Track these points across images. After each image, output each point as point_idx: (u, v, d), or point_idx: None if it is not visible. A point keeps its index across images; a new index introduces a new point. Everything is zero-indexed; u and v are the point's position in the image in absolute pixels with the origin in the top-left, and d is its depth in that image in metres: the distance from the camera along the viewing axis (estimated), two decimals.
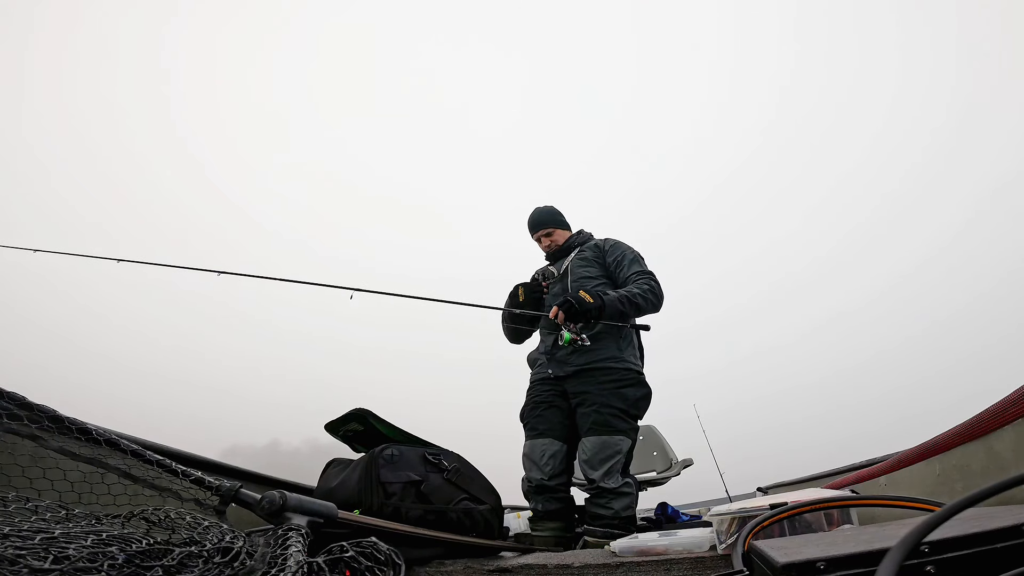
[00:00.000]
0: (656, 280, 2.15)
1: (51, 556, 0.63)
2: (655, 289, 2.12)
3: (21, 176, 28.18)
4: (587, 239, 2.40)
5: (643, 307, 2.09)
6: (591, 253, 2.29)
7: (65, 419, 0.94)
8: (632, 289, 2.10)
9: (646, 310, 2.11)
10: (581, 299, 2.00)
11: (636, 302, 2.06)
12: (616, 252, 2.26)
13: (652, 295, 2.10)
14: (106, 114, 37.83)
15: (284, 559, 0.80)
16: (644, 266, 2.22)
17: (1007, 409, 1.03)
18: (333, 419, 1.84)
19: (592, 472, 1.96)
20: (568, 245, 2.37)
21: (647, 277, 2.15)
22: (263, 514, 1.00)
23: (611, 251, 2.27)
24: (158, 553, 0.76)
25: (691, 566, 1.15)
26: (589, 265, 2.26)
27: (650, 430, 3.84)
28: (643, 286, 2.11)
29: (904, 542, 0.42)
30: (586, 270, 2.25)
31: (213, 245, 38.62)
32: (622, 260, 2.23)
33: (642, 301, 2.08)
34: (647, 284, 2.12)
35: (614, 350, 2.11)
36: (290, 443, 18.50)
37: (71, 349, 19.46)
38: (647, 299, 2.09)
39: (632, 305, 2.06)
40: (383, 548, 0.92)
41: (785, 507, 0.97)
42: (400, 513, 1.48)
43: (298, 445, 17.87)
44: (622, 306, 2.04)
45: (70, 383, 8.71)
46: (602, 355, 2.09)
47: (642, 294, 2.08)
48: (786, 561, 0.55)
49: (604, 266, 2.26)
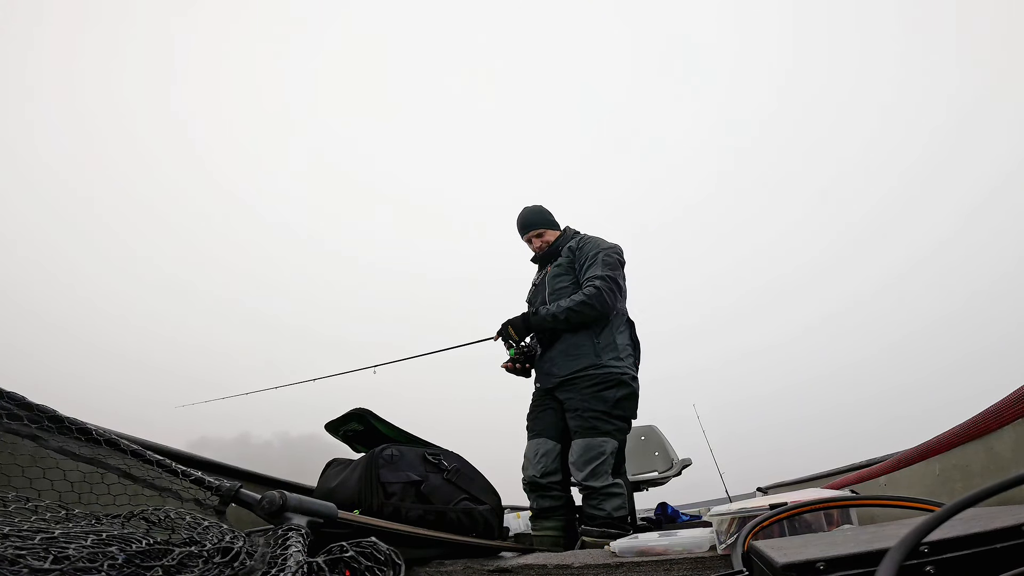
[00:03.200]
0: (603, 283, 2.15)
1: (51, 556, 0.63)
2: (591, 296, 2.13)
3: (26, 172, 28.14)
4: (569, 239, 2.42)
5: (574, 319, 2.15)
6: (566, 260, 2.34)
7: (65, 419, 0.94)
8: (564, 303, 2.17)
9: (580, 320, 2.16)
10: (509, 334, 2.27)
11: (564, 317, 2.15)
12: (582, 255, 2.30)
13: (587, 304, 2.13)
14: (113, 111, 37.82)
15: (284, 559, 0.80)
16: (600, 268, 2.20)
17: (1007, 409, 1.03)
18: (333, 419, 1.85)
19: (578, 473, 2.01)
20: (555, 247, 2.41)
21: (592, 283, 2.16)
22: (263, 514, 1.00)
23: (579, 254, 2.31)
24: (158, 553, 0.76)
25: (691, 566, 1.15)
26: (564, 274, 2.31)
27: (651, 430, 3.84)
28: (579, 296, 2.16)
29: (904, 542, 0.42)
30: (560, 280, 2.31)
31: (221, 241, 38.55)
32: (584, 262, 2.27)
33: (572, 313, 2.14)
34: (586, 291, 2.15)
35: (592, 357, 2.14)
36: (261, 436, 18.33)
37: (35, 323, 19.08)
38: (578, 311, 2.14)
39: (560, 321, 2.16)
40: (383, 548, 0.92)
41: (785, 507, 0.97)
42: (400, 513, 1.48)
43: (269, 438, 17.73)
44: (548, 323, 2.19)
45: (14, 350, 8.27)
46: (581, 364, 2.14)
47: (573, 307, 2.14)
48: (786, 561, 0.55)
49: (575, 271, 2.31)
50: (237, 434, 17.74)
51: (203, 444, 13.18)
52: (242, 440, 17.12)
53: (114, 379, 20.39)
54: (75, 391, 21.64)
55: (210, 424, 18.43)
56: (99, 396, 17.79)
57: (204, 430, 16.25)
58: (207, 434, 15.12)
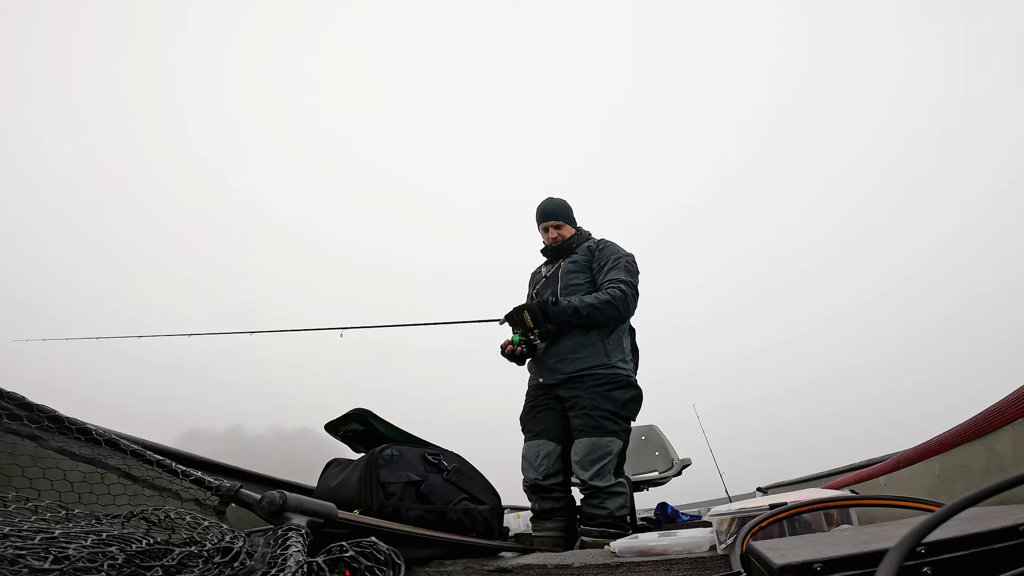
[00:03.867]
0: (628, 288, 2.15)
1: (51, 556, 0.63)
2: (616, 299, 2.12)
3: (29, 169, 27.98)
4: (585, 239, 2.41)
5: (596, 317, 2.12)
6: (583, 258, 2.32)
7: (65, 419, 0.94)
8: (588, 299, 2.13)
9: (602, 320, 2.13)
10: (523, 320, 2.15)
11: (586, 313, 2.10)
12: (603, 256, 2.28)
13: (610, 306, 2.11)
14: (116, 104, 37.64)
15: (284, 559, 0.80)
16: (624, 273, 2.20)
17: (1007, 409, 1.03)
18: (333, 419, 1.85)
19: (583, 473, 2.00)
20: (568, 244, 2.38)
21: (617, 285, 2.15)
22: (263, 514, 1.00)
23: (599, 255, 2.29)
24: (158, 553, 0.76)
25: (691, 566, 1.15)
26: (580, 271, 2.29)
27: (652, 430, 3.83)
28: (604, 295, 2.13)
29: (903, 543, 0.42)
30: (575, 277, 2.28)
31: (219, 234, 38.40)
32: (605, 264, 2.25)
33: (596, 311, 2.10)
34: (611, 292, 2.13)
35: (602, 357, 2.13)
36: (253, 429, 18.14)
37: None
38: (602, 310, 2.11)
39: (581, 316, 2.11)
40: (383, 548, 0.92)
41: (784, 507, 0.97)
42: (400, 513, 1.48)
43: (262, 431, 17.58)
44: (567, 316, 2.12)
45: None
46: (590, 362, 2.13)
47: (598, 305, 2.11)
48: (783, 563, 0.55)
49: (592, 270, 2.29)
50: (229, 427, 17.62)
51: (193, 437, 13.03)
52: (234, 433, 17.02)
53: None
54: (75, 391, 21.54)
55: (201, 415, 18.22)
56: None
57: (194, 421, 16.09)
58: (197, 425, 14.99)
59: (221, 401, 20.46)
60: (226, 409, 19.19)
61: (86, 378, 10.36)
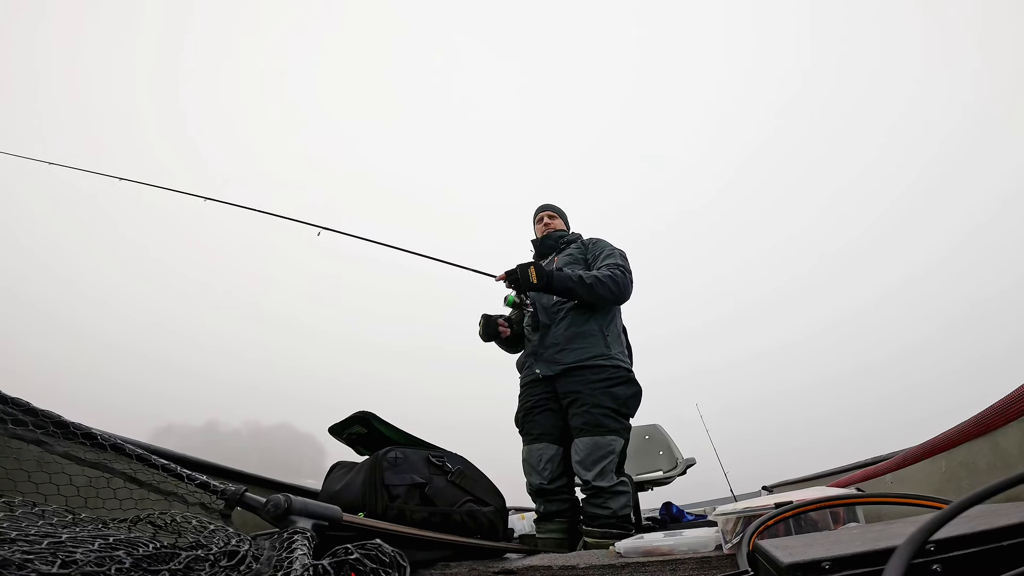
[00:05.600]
0: (624, 271, 2.18)
1: (59, 560, 0.64)
2: (616, 277, 2.14)
3: (31, 167, 28.17)
4: (576, 238, 2.48)
5: (597, 289, 2.11)
6: (577, 251, 2.37)
7: (70, 424, 0.95)
8: (591, 272, 2.16)
9: (602, 293, 2.12)
10: (527, 275, 2.07)
11: (589, 283, 2.10)
12: (597, 248, 2.34)
13: (611, 281, 2.13)
14: (118, 108, 37.71)
15: (290, 562, 0.80)
16: (620, 259, 2.25)
17: (1012, 405, 1.03)
18: (336, 422, 1.85)
19: (586, 473, 1.97)
20: (558, 236, 2.46)
21: (616, 267, 2.19)
22: (268, 517, 1.00)
23: (593, 247, 2.35)
24: (165, 557, 0.76)
25: (696, 566, 1.14)
26: (575, 263, 2.32)
27: (656, 429, 3.82)
28: (605, 272, 2.15)
29: (911, 540, 0.42)
30: (572, 268, 2.29)
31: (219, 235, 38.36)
32: (600, 254, 2.30)
33: (598, 283, 2.11)
34: (611, 271, 2.16)
35: (602, 347, 2.13)
36: (229, 424, 18.17)
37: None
38: (603, 283, 2.11)
39: (584, 286, 2.10)
40: (388, 550, 0.92)
41: (790, 505, 0.97)
42: (404, 515, 1.48)
43: (238, 426, 17.60)
44: (571, 283, 2.09)
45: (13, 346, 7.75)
46: (591, 352, 2.11)
47: (600, 278, 2.12)
48: (791, 561, 0.54)
49: (587, 263, 2.34)
50: (204, 422, 17.61)
51: (169, 432, 13.05)
52: (210, 428, 17.00)
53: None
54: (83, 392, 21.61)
55: (177, 410, 18.24)
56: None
57: (171, 417, 16.08)
58: (174, 421, 15.00)
59: (198, 396, 20.46)
60: (202, 403, 19.21)
61: (59, 368, 10.32)
